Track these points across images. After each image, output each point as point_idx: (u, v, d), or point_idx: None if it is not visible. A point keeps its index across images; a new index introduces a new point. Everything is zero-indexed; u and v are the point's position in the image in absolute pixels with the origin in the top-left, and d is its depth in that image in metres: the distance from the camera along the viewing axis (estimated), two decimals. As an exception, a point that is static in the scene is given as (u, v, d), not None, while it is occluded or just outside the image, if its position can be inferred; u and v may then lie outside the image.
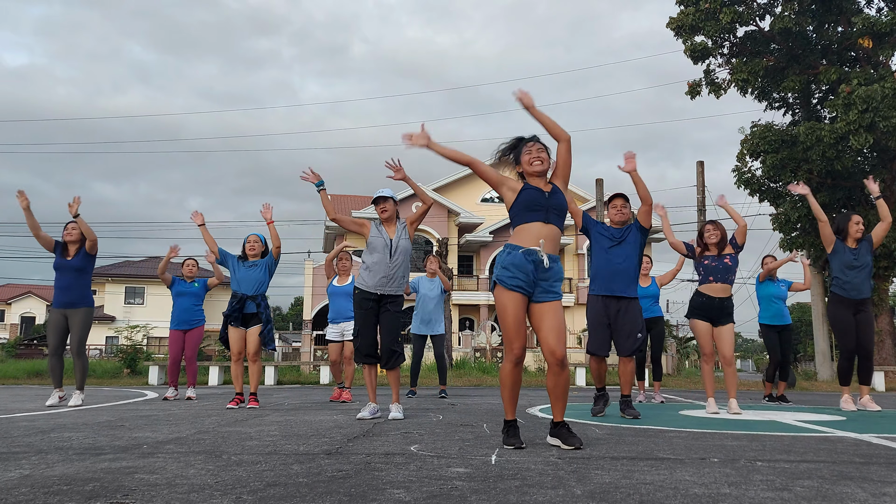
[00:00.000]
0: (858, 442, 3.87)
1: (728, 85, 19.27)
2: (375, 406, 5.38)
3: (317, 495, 2.23)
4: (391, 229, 5.39)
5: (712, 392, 6.11)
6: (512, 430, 3.55)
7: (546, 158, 3.63)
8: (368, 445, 3.54)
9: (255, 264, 6.64)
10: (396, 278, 5.31)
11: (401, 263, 5.33)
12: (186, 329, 8.19)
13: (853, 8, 18.08)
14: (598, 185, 23.08)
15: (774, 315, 8.29)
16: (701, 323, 6.00)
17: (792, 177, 18.26)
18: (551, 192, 3.60)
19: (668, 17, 19.04)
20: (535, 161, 3.61)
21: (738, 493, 2.29)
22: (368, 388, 5.48)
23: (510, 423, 3.57)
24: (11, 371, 15.85)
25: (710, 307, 5.95)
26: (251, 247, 6.66)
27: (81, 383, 6.88)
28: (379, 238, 5.33)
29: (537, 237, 3.51)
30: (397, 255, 5.30)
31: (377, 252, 5.30)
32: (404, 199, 35.43)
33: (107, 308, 45.55)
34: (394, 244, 5.30)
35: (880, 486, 2.45)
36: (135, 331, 18.21)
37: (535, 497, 2.21)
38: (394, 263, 5.29)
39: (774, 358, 8.35)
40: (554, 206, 3.56)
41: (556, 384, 3.52)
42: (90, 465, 2.84)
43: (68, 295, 6.74)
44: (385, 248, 5.29)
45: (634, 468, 2.81)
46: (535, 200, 3.54)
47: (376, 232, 5.37)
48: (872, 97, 15.60)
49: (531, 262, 3.47)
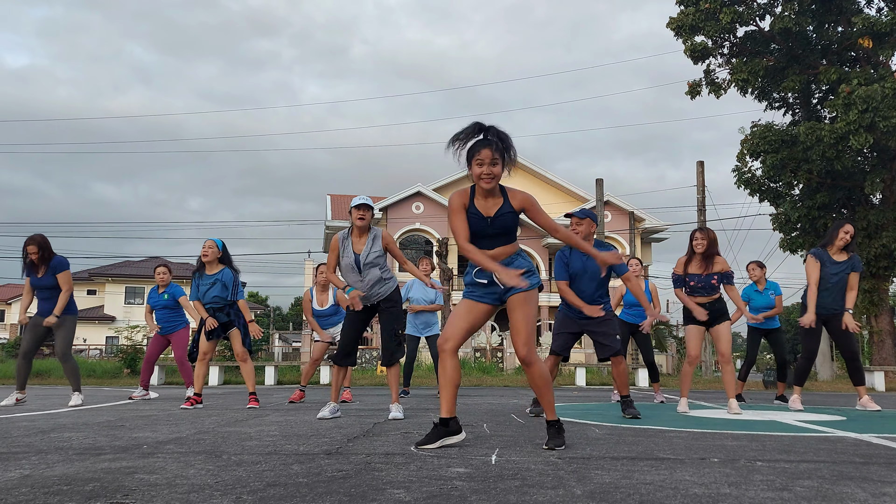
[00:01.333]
0: (858, 442, 3.87)
1: (728, 85, 19.27)
2: (336, 406, 5.33)
3: (317, 495, 2.23)
4: (361, 240, 5.29)
5: (686, 392, 6.24)
6: (434, 430, 3.48)
7: (498, 173, 3.34)
8: (368, 445, 3.54)
9: (214, 280, 6.51)
10: (375, 289, 5.27)
11: (372, 275, 5.25)
12: (168, 334, 8.29)
13: (853, 8, 18.08)
14: (598, 185, 23.08)
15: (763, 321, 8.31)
16: (692, 327, 6.06)
17: (792, 177, 18.27)
18: (494, 216, 3.41)
19: (668, 17, 19.06)
20: (484, 177, 3.33)
21: (738, 493, 2.29)
22: (333, 389, 5.42)
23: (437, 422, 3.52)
24: (11, 371, 15.83)
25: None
26: (205, 252, 6.54)
27: (77, 385, 6.91)
28: (346, 257, 5.26)
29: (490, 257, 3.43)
30: (367, 270, 5.23)
31: (349, 273, 5.27)
32: (404, 200, 35.51)
33: (107, 308, 45.55)
34: (361, 260, 5.24)
35: (880, 486, 2.45)
36: (135, 331, 18.22)
37: (535, 497, 2.21)
38: (365, 277, 5.24)
39: (750, 359, 8.50)
40: (497, 233, 3.45)
41: (530, 380, 3.52)
42: (90, 465, 2.84)
43: (50, 305, 6.74)
44: (353, 268, 5.25)
45: (634, 468, 2.80)
46: (475, 229, 3.44)
47: (343, 248, 5.29)
48: (872, 97, 15.60)
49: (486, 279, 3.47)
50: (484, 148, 3.32)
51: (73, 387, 6.88)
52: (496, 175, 3.34)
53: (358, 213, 5.22)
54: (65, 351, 6.78)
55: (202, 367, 6.57)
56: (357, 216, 5.22)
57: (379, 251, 5.29)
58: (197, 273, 6.62)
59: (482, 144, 3.34)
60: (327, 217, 37.52)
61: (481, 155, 3.32)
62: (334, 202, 39.10)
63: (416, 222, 35.13)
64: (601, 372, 17.28)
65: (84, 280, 45.50)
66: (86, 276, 45.40)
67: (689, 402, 6.33)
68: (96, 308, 45.73)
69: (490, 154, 3.31)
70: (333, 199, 39.46)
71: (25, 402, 6.78)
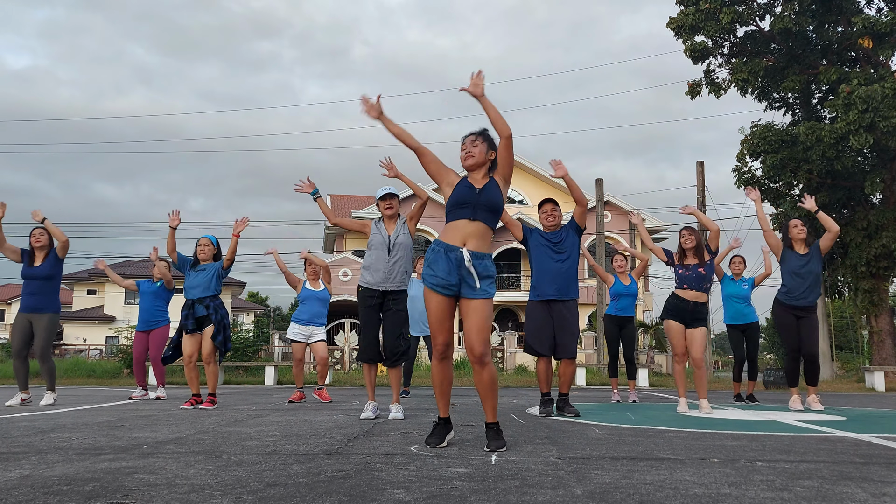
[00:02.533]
0: (858, 442, 3.87)
1: (728, 85, 19.27)
2: (376, 404, 5.43)
3: (317, 495, 2.23)
4: (391, 226, 5.41)
5: (684, 392, 6.33)
6: (437, 430, 3.54)
7: (479, 152, 3.57)
8: (368, 445, 3.54)
9: (204, 268, 6.57)
10: (397, 274, 5.31)
11: (400, 258, 5.33)
12: (148, 330, 8.25)
13: (853, 8, 18.08)
14: (598, 185, 23.08)
15: (735, 315, 8.27)
16: (674, 323, 6.18)
17: (792, 177, 18.27)
18: (483, 187, 3.52)
19: (668, 17, 19.06)
20: (466, 156, 3.60)
21: (738, 494, 2.29)
22: (368, 388, 5.49)
23: (437, 422, 3.58)
24: (11, 371, 15.82)
25: (684, 310, 6.13)
26: (201, 250, 6.60)
27: (52, 384, 6.92)
28: (378, 235, 5.35)
29: (462, 235, 3.46)
30: (396, 251, 5.31)
31: (376, 249, 5.32)
32: (405, 199, 35.50)
33: (107, 308, 45.52)
34: (392, 240, 5.32)
35: (880, 487, 2.45)
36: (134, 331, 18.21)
37: (535, 497, 2.21)
38: (392, 259, 5.29)
39: (739, 357, 8.38)
40: (483, 203, 3.49)
41: (479, 381, 3.48)
42: (90, 465, 2.84)
43: (34, 300, 6.72)
44: (383, 244, 5.31)
45: (634, 468, 2.80)
46: (462, 197, 3.50)
47: (376, 230, 5.39)
48: (872, 97, 15.60)
49: (453, 260, 3.44)
50: (469, 136, 3.67)
51: (49, 386, 6.90)
52: (476, 154, 3.59)
53: (384, 203, 5.39)
54: (44, 349, 6.72)
55: (191, 370, 6.55)
56: (384, 207, 5.38)
57: (408, 237, 5.41)
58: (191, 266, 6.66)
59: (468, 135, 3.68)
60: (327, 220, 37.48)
61: (465, 141, 3.66)
62: (334, 202, 39.12)
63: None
64: (600, 372, 17.28)
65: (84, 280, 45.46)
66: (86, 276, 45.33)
67: (688, 402, 6.33)
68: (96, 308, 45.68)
69: (471, 137, 3.65)
70: (334, 199, 39.48)
71: (31, 402, 6.77)
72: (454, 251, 3.45)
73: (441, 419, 3.58)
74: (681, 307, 6.13)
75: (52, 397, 6.79)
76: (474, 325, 3.45)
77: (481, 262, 3.47)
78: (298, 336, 7.86)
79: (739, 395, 8.43)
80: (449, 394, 3.62)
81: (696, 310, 6.10)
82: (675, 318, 6.18)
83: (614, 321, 8.15)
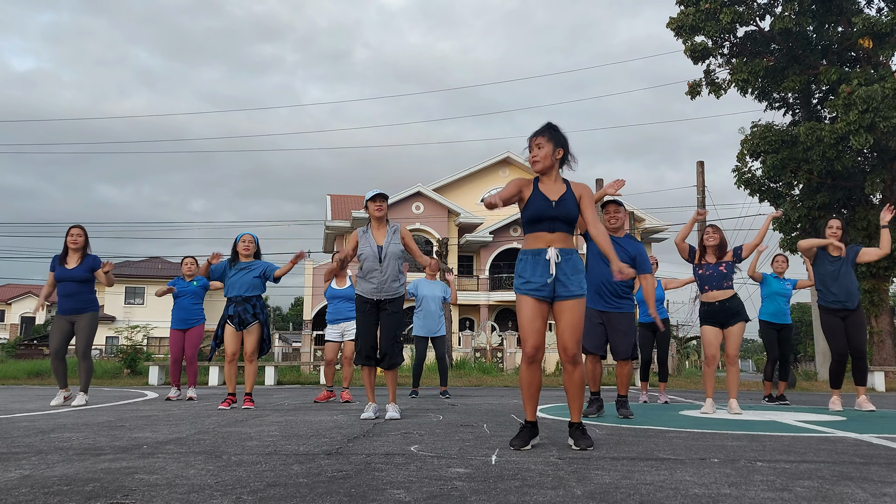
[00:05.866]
0: (858, 442, 3.87)
1: (728, 85, 19.25)
2: (376, 406, 5.45)
3: (317, 495, 2.23)
4: (380, 232, 5.40)
5: (711, 393, 6.23)
6: (522, 432, 3.52)
7: (545, 155, 3.55)
8: (368, 446, 3.54)
9: (248, 267, 6.51)
10: (390, 282, 5.32)
11: (391, 268, 5.32)
12: (185, 328, 8.19)
13: (853, 8, 18.07)
14: (599, 185, 23.09)
15: (776, 313, 8.23)
16: (708, 328, 6.10)
17: (792, 177, 18.26)
18: (559, 200, 3.52)
19: (668, 17, 19.05)
20: (532, 161, 3.60)
21: (738, 494, 2.29)
22: (367, 390, 5.50)
23: (524, 425, 3.55)
24: (11, 371, 15.84)
25: (716, 312, 6.03)
26: (245, 246, 6.55)
27: (86, 385, 6.92)
28: (368, 248, 5.34)
29: (545, 241, 3.51)
30: (387, 260, 5.30)
31: (367, 260, 5.32)
32: (404, 200, 35.49)
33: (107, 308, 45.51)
34: (383, 251, 5.31)
35: (880, 487, 2.45)
36: (135, 331, 18.23)
37: (535, 497, 2.21)
38: (384, 269, 5.29)
39: (772, 356, 8.28)
40: (560, 217, 3.51)
41: (569, 382, 3.51)
42: (90, 466, 2.84)
43: (73, 302, 6.76)
44: (374, 257, 5.31)
45: (634, 468, 2.80)
46: (539, 213, 3.52)
47: (364, 241, 5.37)
48: (872, 97, 15.59)
49: (541, 261, 3.47)
50: (532, 137, 3.62)
51: (82, 386, 6.89)
52: (542, 158, 3.56)
53: (374, 204, 5.38)
54: (86, 348, 6.81)
55: (231, 367, 6.56)
56: (374, 207, 5.37)
57: (399, 245, 5.38)
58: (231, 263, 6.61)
59: (534, 133, 3.63)
60: (327, 217, 37.52)
61: (529, 142, 3.64)
62: (334, 202, 39.11)
63: (416, 222, 35.12)
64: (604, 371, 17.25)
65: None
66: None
67: (689, 402, 6.34)
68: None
69: (536, 139, 3.60)
70: (333, 199, 39.47)
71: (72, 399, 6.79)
72: (541, 253, 3.49)
73: (528, 422, 3.55)
74: (712, 310, 6.04)
75: (84, 398, 6.78)
76: (568, 324, 3.46)
77: (569, 259, 3.50)
78: (333, 336, 7.86)
79: (770, 395, 8.36)
80: (537, 397, 3.60)
81: (727, 307, 5.98)
82: (710, 323, 6.07)
83: (647, 327, 8.12)
